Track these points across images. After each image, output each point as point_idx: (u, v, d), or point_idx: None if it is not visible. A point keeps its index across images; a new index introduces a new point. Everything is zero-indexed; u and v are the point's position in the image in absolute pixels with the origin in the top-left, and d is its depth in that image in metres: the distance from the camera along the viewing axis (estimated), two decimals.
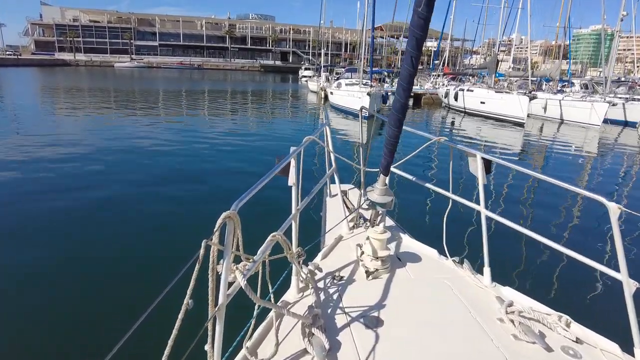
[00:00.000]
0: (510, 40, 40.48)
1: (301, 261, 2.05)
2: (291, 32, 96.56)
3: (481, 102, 23.17)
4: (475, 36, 53.69)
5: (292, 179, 2.34)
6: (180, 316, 1.25)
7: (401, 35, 67.87)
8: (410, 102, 32.54)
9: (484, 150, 13.25)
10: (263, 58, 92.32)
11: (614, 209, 1.93)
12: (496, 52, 26.81)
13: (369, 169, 3.35)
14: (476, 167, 2.60)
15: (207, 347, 1.44)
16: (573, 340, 1.95)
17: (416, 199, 8.13)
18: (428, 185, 3.02)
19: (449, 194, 2.81)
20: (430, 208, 7.78)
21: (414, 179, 3.21)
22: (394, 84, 33.62)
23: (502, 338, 1.93)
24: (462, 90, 25.39)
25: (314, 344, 1.71)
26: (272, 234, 1.73)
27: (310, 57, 74.75)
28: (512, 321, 2.01)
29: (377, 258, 2.42)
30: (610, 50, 25.68)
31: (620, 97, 22.81)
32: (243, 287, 1.41)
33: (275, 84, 49.44)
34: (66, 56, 77.51)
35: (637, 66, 43.79)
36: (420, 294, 2.29)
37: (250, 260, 1.57)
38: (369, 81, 23.00)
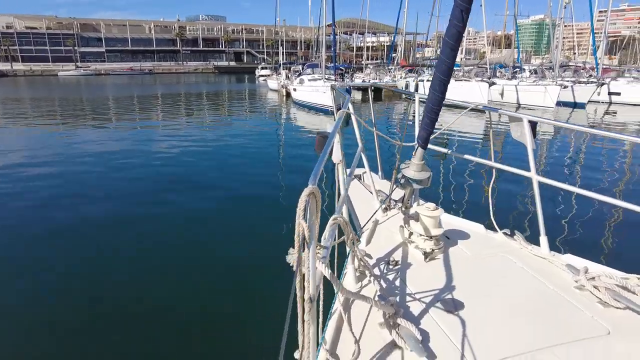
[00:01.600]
0: None
1: (357, 247, 1.78)
2: (244, 32, 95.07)
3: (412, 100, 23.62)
4: (428, 29, 55.11)
5: (337, 157, 2.11)
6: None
7: (355, 32, 68.69)
8: (371, 95, 32.82)
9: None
10: (216, 59, 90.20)
11: None
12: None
13: (407, 143, 3.12)
14: (521, 131, 2.48)
15: (297, 355, 1.29)
16: None
17: (446, 175, 8.23)
18: (467, 156, 2.88)
19: (493, 163, 2.67)
20: (465, 183, 7.78)
21: (448, 152, 3.08)
22: (353, 78, 33.81)
23: (591, 307, 1.83)
24: (422, 81, 25.84)
25: (403, 335, 1.53)
26: (332, 217, 1.47)
27: (265, 57, 73.95)
28: (596, 287, 1.89)
29: (431, 238, 2.25)
30: (551, 38, 27.00)
31: (567, 81, 23.98)
32: (328, 277, 1.25)
33: (231, 84, 48.26)
34: (1, 66, 72.09)
35: (574, 53, 46.74)
36: (486, 271, 2.15)
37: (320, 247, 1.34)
38: (332, 76, 22.87)
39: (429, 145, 2.47)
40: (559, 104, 21.39)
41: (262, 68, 56.45)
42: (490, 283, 2.05)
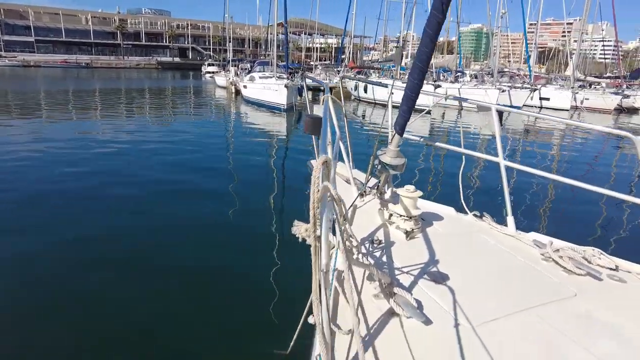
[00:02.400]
0: (404, 37, 43.23)
1: (347, 225, 1.78)
2: (189, 27, 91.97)
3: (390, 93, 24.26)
4: (376, 32, 56.53)
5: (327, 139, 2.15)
6: None
7: (303, 32, 68.90)
8: (321, 96, 33.02)
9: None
10: (160, 55, 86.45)
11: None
12: (401, 45, 28.36)
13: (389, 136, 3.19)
14: (490, 119, 2.66)
15: (311, 319, 1.36)
16: (612, 269, 2.15)
17: (418, 162, 8.91)
18: (438, 144, 3.07)
19: (463, 150, 2.85)
20: (436, 169, 8.46)
21: (421, 139, 3.23)
22: (303, 78, 33.82)
23: (558, 274, 2.10)
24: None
25: (400, 303, 1.65)
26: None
27: (212, 53, 72.06)
28: (561, 257, 2.17)
29: (411, 218, 2.41)
30: (490, 46, 28.83)
31: (505, 85, 25.66)
32: (337, 245, 1.37)
33: (175, 80, 46.45)
34: None
35: (509, 61, 50.29)
36: (462, 247, 2.36)
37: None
38: (283, 74, 22.72)
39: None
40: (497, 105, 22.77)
41: (209, 65, 54.96)
42: (468, 257, 2.26)
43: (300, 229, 1.43)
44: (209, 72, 50.49)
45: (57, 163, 8.70)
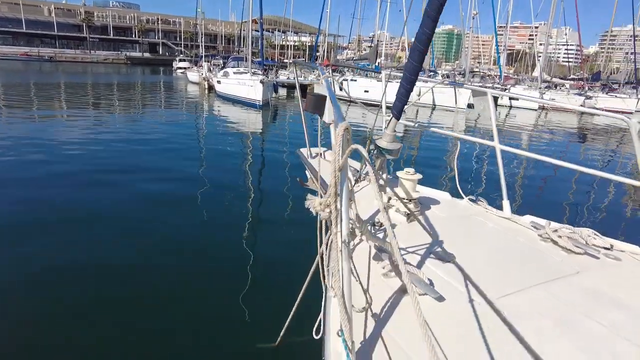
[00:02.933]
0: (378, 36, 43.67)
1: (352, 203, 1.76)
2: (159, 22, 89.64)
3: (365, 91, 24.41)
4: (350, 31, 56.70)
5: (330, 118, 2.06)
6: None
7: (277, 30, 68.36)
8: (297, 94, 32.90)
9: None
10: (129, 50, 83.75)
11: (635, 125, 2.14)
12: (376, 43, 28.56)
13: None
14: (485, 105, 2.70)
15: (332, 293, 1.39)
16: (607, 248, 2.24)
17: (413, 148, 9.34)
18: (434, 129, 3.12)
19: (458, 134, 2.89)
20: (431, 155, 8.81)
21: (415, 125, 3.27)
22: (277, 75, 33.59)
23: (557, 254, 2.17)
24: (347, 80, 26.44)
25: (414, 280, 1.64)
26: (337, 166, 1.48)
27: (183, 49, 70.47)
28: (561, 237, 2.24)
29: (410, 201, 2.43)
30: (462, 46, 29.44)
31: (476, 85, 26.28)
32: (353, 217, 1.41)
33: (145, 76, 45.07)
34: None
35: (479, 62, 51.65)
36: (462, 229, 2.40)
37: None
38: (258, 70, 22.43)
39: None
40: (469, 105, 23.29)
41: (181, 60, 53.83)
42: (469, 238, 2.30)
43: (314, 203, 1.40)
44: (180, 68, 49.39)
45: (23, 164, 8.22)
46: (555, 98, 27.99)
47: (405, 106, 2.44)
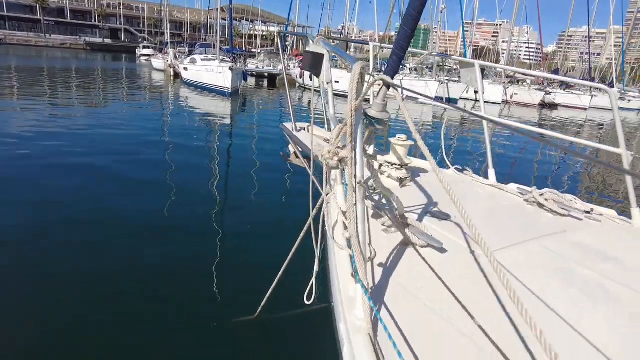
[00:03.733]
0: (348, 28, 43.72)
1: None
2: (121, 7, 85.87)
3: (336, 82, 24.37)
4: (320, 21, 56.44)
5: (327, 77, 2.13)
6: None
7: (244, 19, 67.08)
8: (265, 83, 32.58)
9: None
10: (88, 35, 79.74)
11: (614, 94, 2.18)
12: (346, 35, 28.55)
13: None
14: (472, 76, 2.73)
15: (346, 234, 1.46)
16: (588, 212, 2.39)
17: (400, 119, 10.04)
18: (422, 100, 3.14)
19: (445, 105, 2.98)
20: (418, 126, 9.40)
21: (404, 96, 3.24)
22: (246, 64, 33.02)
23: (544, 215, 2.31)
24: None
25: (416, 233, 1.70)
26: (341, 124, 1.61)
27: (147, 36, 68.01)
28: (547, 200, 2.37)
29: (402, 167, 2.47)
30: (429, 40, 29.96)
31: (444, 79, 26.84)
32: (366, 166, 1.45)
33: (106, 62, 43.06)
34: None
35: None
36: (453, 194, 2.36)
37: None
38: (226, 58, 21.90)
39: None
40: (436, 98, 23.74)
41: (145, 47, 51.95)
42: (461, 201, 2.18)
43: (322, 151, 1.44)
44: (144, 55, 47.66)
45: None
46: (518, 93, 29.04)
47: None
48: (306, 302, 1.98)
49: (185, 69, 22.64)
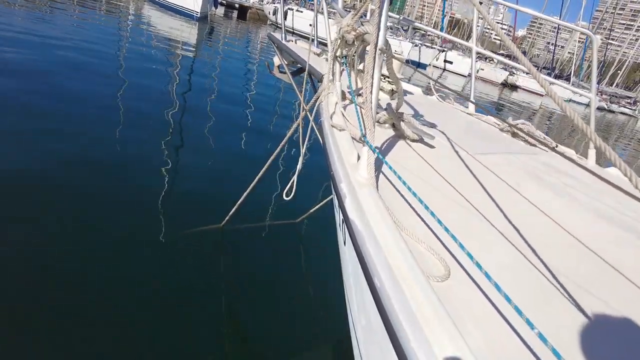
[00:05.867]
0: None
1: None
2: None
3: (310, 25, 23.53)
4: None
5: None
6: None
7: None
8: (235, 15, 30.79)
9: None
10: None
11: (597, 40, 2.27)
12: None
13: None
14: (468, 8, 2.71)
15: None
16: (554, 146, 2.63)
17: None
18: (417, 24, 3.19)
19: (440, 32, 3.05)
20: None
21: (400, 18, 3.30)
22: None
23: (517, 143, 2.53)
24: (292, 10, 25.17)
25: (410, 127, 1.81)
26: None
27: None
28: (521, 130, 2.59)
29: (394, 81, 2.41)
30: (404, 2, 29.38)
31: (417, 41, 26.72)
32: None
33: None
34: None
35: (421, 22, 52.83)
36: (436, 115, 2.58)
37: None
38: None
39: None
40: (407, 61, 23.71)
41: None
42: (445, 119, 2.56)
43: (341, 22, 1.50)
44: None
45: None
46: (485, 69, 29.67)
47: None
48: (285, 198, 2.02)
49: None
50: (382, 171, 1.36)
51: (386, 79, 2.56)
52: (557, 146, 2.61)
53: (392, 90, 2.56)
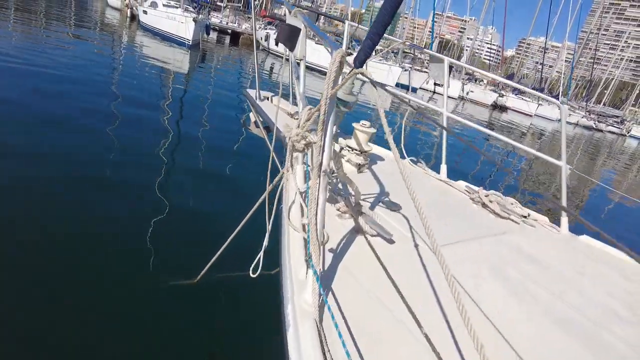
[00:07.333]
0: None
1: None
2: None
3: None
4: None
5: (302, 53, 2.14)
6: None
7: None
8: (227, 40, 31.20)
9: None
10: None
11: (565, 110, 2.35)
12: (317, 6, 27.86)
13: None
14: (440, 72, 2.79)
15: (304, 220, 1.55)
16: (525, 216, 2.61)
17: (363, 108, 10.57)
18: (389, 88, 3.14)
19: (409, 96, 3.03)
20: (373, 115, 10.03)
21: (376, 88, 3.28)
22: (210, 16, 31.36)
23: (487, 216, 2.49)
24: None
25: (368, 222, 1.76)
26: (308, 108, 1.68)
27: None
28: (491, 202, 2.55)
29: (362, 153, 2.51)
30: (395, 26, 30.09)
31: (407, 65, 27.18)
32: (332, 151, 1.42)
33: None
34: None
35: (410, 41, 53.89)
36: (405, 195, 2.62)
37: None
38: (190, 7, 20.63)
39: None
40: (397, 85, 24.06)
41: None
42: (413, 194, 2.33)
43: (290, 132, 1.46)
44: None
45: None
46: (474, 91, 30.16)
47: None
48: (251, 275, 1.99)
49: (145, 12, 21.06)
50: (331, 288, 1.34)
51: (353, 150, 2.52)
52: (528, 215, 2.60)
53: (359, 164, 2.53)
